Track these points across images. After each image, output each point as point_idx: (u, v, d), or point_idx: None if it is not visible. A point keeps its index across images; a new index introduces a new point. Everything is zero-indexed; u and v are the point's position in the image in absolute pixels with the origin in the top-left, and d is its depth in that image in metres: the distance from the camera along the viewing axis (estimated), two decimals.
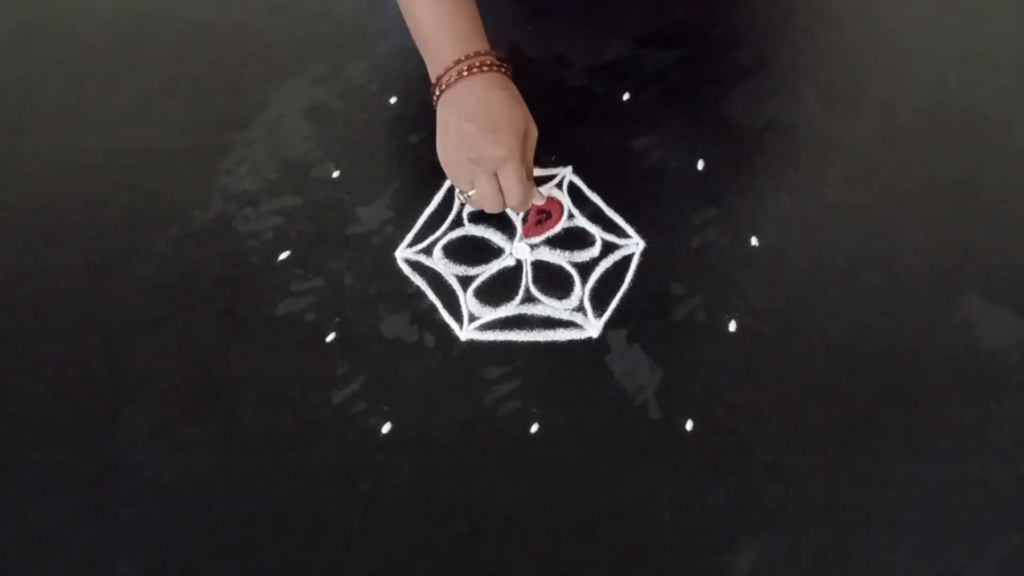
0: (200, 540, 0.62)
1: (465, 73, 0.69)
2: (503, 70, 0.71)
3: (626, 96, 0.83)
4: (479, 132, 0.67)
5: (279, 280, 0.73)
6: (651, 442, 0.64)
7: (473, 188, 0.70)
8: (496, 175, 0.68)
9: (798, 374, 0.66)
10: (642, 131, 0.80)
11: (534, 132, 0.70)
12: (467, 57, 0.70)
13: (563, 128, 0.81)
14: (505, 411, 0.66)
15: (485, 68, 0.69)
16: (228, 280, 0.73)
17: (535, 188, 0.72)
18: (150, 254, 0.75)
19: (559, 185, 0.77)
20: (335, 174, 0.79)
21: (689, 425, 0.64)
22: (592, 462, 0.64)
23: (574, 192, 0.77)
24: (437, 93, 0.71)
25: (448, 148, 0.70)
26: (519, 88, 0.71)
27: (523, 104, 0.71)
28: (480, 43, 0.71)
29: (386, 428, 0.65)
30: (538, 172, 0.78)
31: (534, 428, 0.65)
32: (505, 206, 0.71)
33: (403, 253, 0.74)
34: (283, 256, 0.74)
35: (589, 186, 0.77)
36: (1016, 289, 0.70)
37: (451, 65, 0.70)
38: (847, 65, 0.84)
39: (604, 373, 0.67)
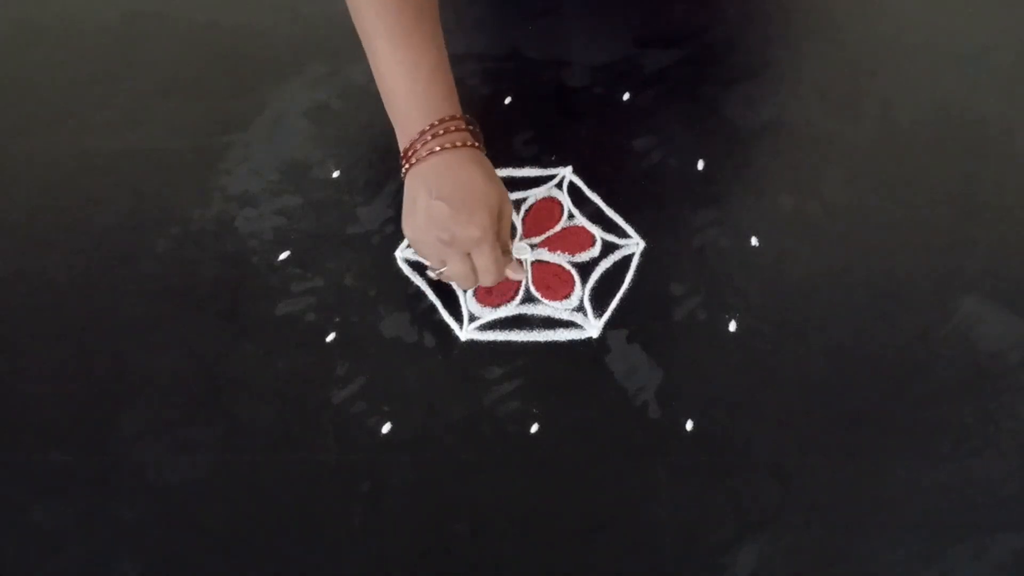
0: (200, 540, 0.62)
1: (437, 149, 0.65)
2: (475, 144, 0.67)
3: (626, 96, 0.83)
4: (452, 212, 0.63)
5: (279, 280, 0.73)
6: (651, 442, 0.64)
7: (445, 266, 0.67)
8: (470, 254, 0.66)
9: (798, 374, 0.66)
10: (642, 131, 0.80)
11: (508, 208, 0.67)
12: (437, 125, 0.65)
13: (563, 128, 0.81)
14: (505, 411, 0.66)
15: (459, 144, 0.65)
16: (228, 280, 0.73)
17: (512, 264, 0.69)
18: (150, 254, 0.75)
19: (559, 185, 0.77)
20: (335, 174, 0.79)
21: (689, 425, 0.64)
22: (592, 462, 0.64)
23: (574, 192, 0.77)
24: (406, 166, 0.67)
25: (417, 225, 0.66)
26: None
27: (496, 180, 0.67)
28: (451, 107, 0.67)
29: (386, 428, 0.65)
30: (538, 172, 0.78)
31: (534, 428, 0.65)
32: (478, 283, 0.69)
33: (403, 253, 0.74)
34: (283, 256, 0.74)
35: (589, 186, 0.77)
36: (1016, 289, 0.70)
37: (420, 136, 0.65)
38: (847, 65, 0.84)
39: (604, 373, 0.67)
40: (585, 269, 0.72)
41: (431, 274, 0.69)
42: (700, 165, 0.78)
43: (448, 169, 0.65)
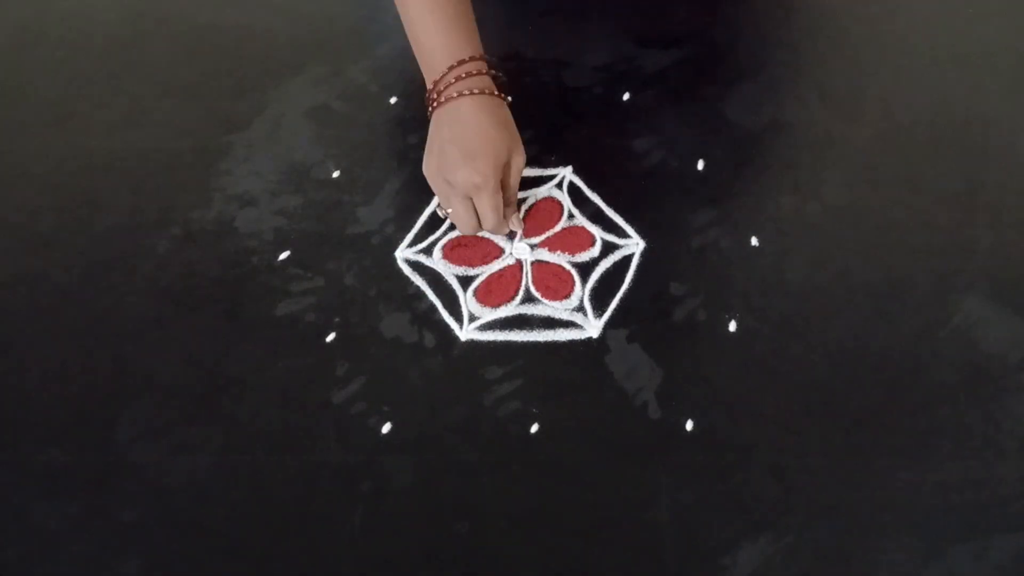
0: (200, 540, 0.62)
1: (455, 95, 0.70)
2: (496, 92, 0.71)
3: (626, 96, 0.83)
4: (458, 156, 0.68)
5: (279, 280, 0.73)
6: (651, 442, 0.64)
7: (451, 207, 0.72)
8: (472, 199, 0.70)
9: (798, 374, 0.66)
10: (642, 131, 0.80)
11: (519, 160, 0.71)
12: (458, 67, 0.70)
13: (563, 128, 0.81)
14: (505, 411, 0.66)
15: (476, 91, 0.70)
16: (228, 280, 0.73)
17: (515, 215, 0.73)
18: (150, 255, 0.75)
19: (559, 185, 0.77)
20: (335, 174, 0.79)
21: (689, 425, 0.64)
22: (592, 462, 0.64)
23: (574, 192, 0.77)
24: (431, 108, 0.72)
25: (430, 164, 0.71)
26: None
27: (510, 130, 0.71)
28: (472, 48, 0.71)
29: (386, 428, 0.65)
30: (538, 172, 0.78)
31: (534, 428, 0.65)
32: (480, 229, 0.72)
33: (403, 253, 0.74)
34: (283, 256, 0.74)
35: (589, 186, 0.77)
36: (1016, 289, 0.70)
37: (445, 80, 0.70)
38: (847, 65, 0.84)
39: (604, 373, 0.67)
40: (585, 269, 0.72)
41: (439, 212, 0.74)
42: (700, 165, 0.78)
43: (462, 115, 0.70)
